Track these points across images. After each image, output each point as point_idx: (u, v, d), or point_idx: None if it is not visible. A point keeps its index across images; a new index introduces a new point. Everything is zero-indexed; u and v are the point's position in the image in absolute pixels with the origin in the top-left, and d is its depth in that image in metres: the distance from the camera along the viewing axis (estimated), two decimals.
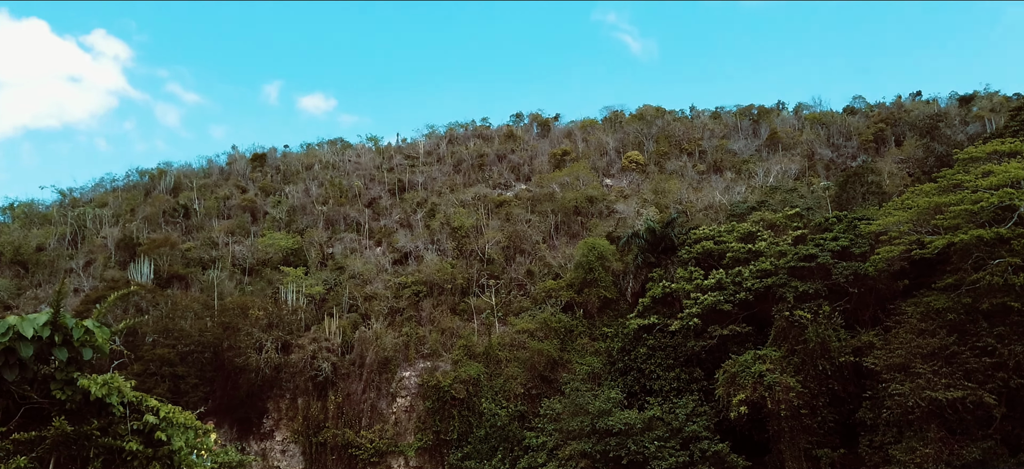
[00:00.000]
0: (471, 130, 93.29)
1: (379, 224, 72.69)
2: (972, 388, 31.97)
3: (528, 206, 67.89)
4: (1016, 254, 34.01)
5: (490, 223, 65.51)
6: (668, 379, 44.15)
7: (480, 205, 69.01)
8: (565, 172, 72.32)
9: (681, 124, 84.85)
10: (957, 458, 31.40)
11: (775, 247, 45.58)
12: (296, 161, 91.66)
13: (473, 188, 74.71)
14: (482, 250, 61.41)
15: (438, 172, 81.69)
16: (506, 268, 60.57)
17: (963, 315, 34.74)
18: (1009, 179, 37.06)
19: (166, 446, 10.64)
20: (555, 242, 63.76)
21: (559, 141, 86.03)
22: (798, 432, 37.59)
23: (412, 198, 75.13)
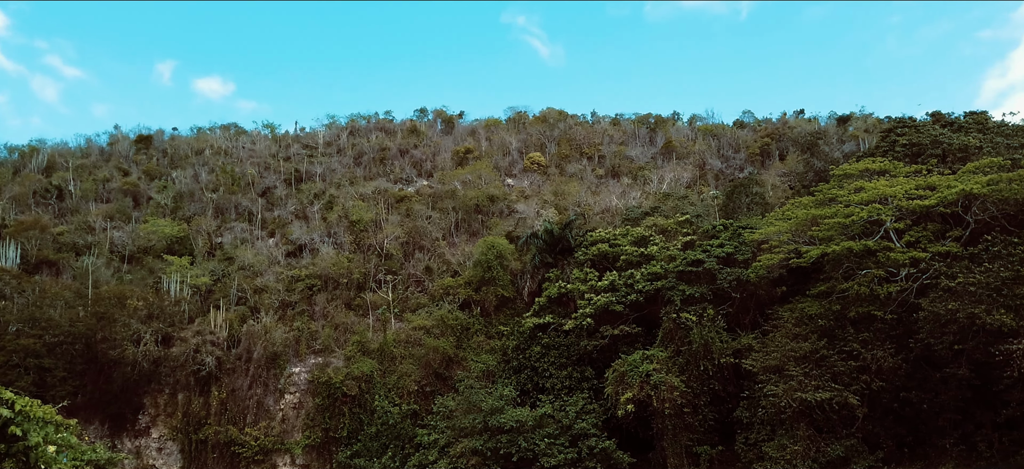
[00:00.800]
0: (374, 123, 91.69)
1: (273, 214, 70.25)
2: (838, 390, 34.21)
3: (429, 202, 67.43)
4: (881, 266, 36.65)
5: (390, 218, 64.61)
6: (560, 377, 44.94)
7: (380, 199, 67.92)
8: (467, 170, 72.29)
9: (583, 128, 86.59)
10: (822, 455, 33.54)
11: (666, 251, 47.25)
12: (185, 145, 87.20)
13: (374, 182, 73.44)
14: (381, 245, 60.49)
15: (338, 164, 79.81)
16: (404, 264, 59.92)
17: (833, 321, 37.12)
18: (878, 195, 39.94)
19: (21, 442, 9.85)
20: (455, 239, 63.62)
21: (463, 139, 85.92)
22: (680, 430, 39.12)
23: (309, 189, 73.03)
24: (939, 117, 56.45)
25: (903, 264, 36.26)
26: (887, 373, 34.30)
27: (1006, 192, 36.81)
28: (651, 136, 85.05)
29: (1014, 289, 31.10)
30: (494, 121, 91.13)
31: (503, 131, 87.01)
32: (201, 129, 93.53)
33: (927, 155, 47.63)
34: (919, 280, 35.62)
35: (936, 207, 38.27)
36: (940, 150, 47.82)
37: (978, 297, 31.62)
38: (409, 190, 71.97)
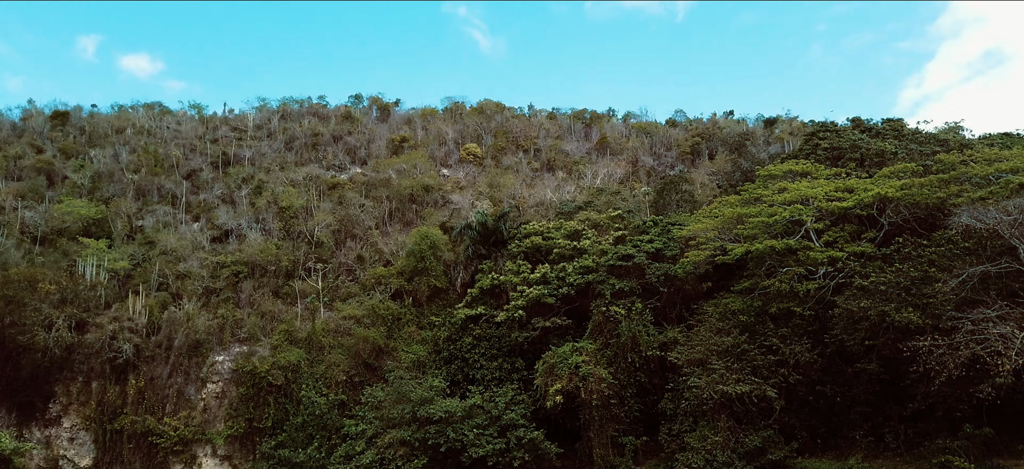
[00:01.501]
0: (306, 107, 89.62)
1: (198, 198, 67.92)
2: (758, 383, 35.42)
3: (363, 190, 66.44)
4: (801, 264, 38.08)
5: (321, 205, 63.37)
6: (491, 369, 45.06)
7: (312, 186, 66.52)
8: (403, 159, 71.56)
9: (519, 121, 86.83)
10: (741, 445, 34.69)
11: (598, 246, 47.90)
12: (105, 123, 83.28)
13: (305, 167, 71.88)
14: (311, 232, 59.29)
15: (268, 148, 77.71)
16: (335, 252, 58.90)
17: (754, 317, 38.39)
18: (800, 196, 41.49)
19: None
20: (388, 229, 62.91)
21: (399, 127, 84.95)
22: (607, 421, 39.80)
23: (237, 173, 70.87)
24: (859, 123, 58.96)
25: (821, 263, 37.77)
26: (804, 367, 35.70)
27: (917, 196, 38.79)
28: (586, 131, 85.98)
29: (922, 289, 32.78)
30: (431, 111, 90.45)
31: (440, 121, 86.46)
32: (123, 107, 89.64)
33: (847, 159, 49.71)
34: (836, 278, 37.18)
35: (853, 209, 40.02)
36: (859, 154, 49.98)
37: (889, 296, 33.21)
38: (342, 177, 70.76)
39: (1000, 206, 32.32)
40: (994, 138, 54.29)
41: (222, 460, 46.09)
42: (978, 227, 32.79)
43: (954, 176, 39.57)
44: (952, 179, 39.39)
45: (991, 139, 53.88)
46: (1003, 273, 31.68)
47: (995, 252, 32.25)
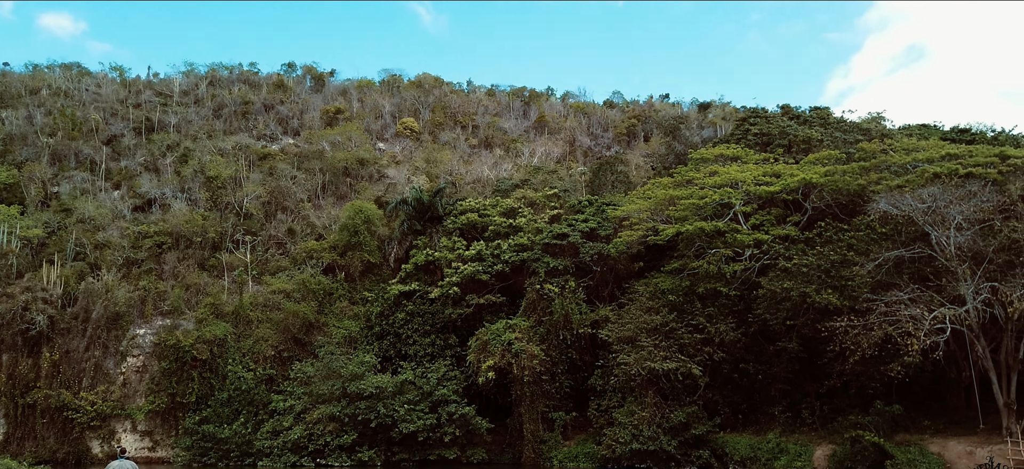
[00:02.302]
0: (236, 74, 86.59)
1: (120, 165, 65.00)
2: (684, 360, 36.33)
3: (294, 162, 64.81)
4: (729, 246, 39.08)
5: (251, 176, 61.55)
6: (424, 345, 44.86)
7: (241, 155, 64.49)
8: (337, 131, 70.06)
9: (458, 97, 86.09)
10: (666, 420, 35.58)
11: (533, 224, 48.06)
12: (18, 83, 78.60)
13: (234, 137, 69.57)
14: (240, 204, 57.58)
15: (195, 115, 74.83)
16: (265, 225, 57.41)
17: (683, 297, 39.26)
18: (730, 180, 42.47)
19: None
20: (321, 202, 61.64)
21: (333, 98, 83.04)
22: (538, 397, 40.21)
23: (162, 140, 68.06)
24: (788, 110, 60.67)
25: (748, 245, 38.85)
26: (728, 345, 36.78)
27: (840, 183, 40.25)
28: (525, 110, 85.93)
29: (841, 271, 34.10)
30: (367, 82, 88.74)
31: (376, 94, 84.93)
32: (37, 66, 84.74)
33: (775, 145, 51.14)
34: (761, 260, 38.32)
35: (780, 193, 41.25)
36: (787, 141, 51.47)
37: (810, 278, 34.43)
38: (273, 148, 68.84)
39: (916, 194, 33.78)
40: (913, 129, 56.70)
41: (143, 435, 44.68)
42: (895, 214, 34.21)
43: (875, 164, 41.18)
44: (872, 167, 40.98)
45: (910, 130, 56.25)
46: (916, 258, 33.22)
47: (909, 238, 33.76)
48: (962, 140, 48.69)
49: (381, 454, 40.51)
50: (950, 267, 31.49)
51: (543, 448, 39.78)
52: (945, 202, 32.33)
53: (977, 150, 40.41)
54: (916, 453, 30.45)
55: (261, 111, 76.86)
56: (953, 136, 51.03)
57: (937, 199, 32.57)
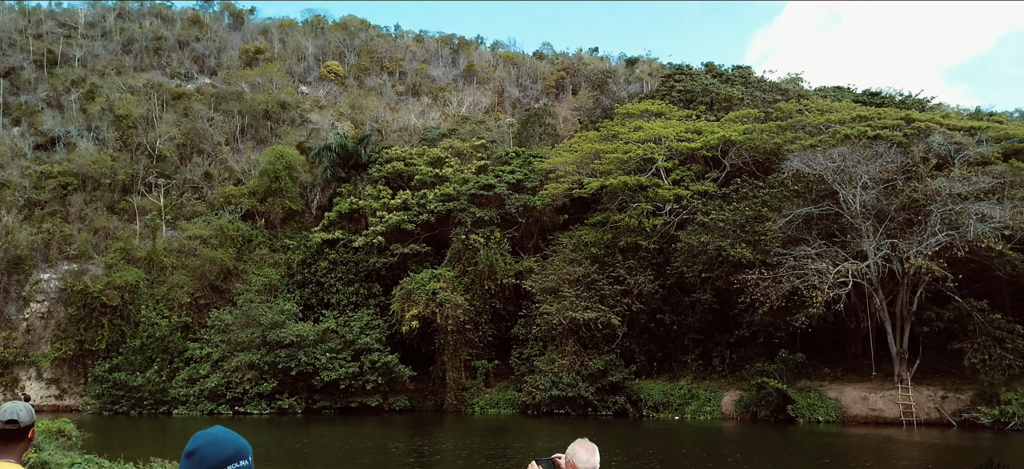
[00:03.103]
0: (148, 7, 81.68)
1: (19, 100, 60.82)
2: (604, 311, 37.27)
3: (211, 103, 62.10)
4: (651, 201, 39.99)
5: (164, 116, 58.72)
6: (347, 293, 44.42)
7: (153, 94, 61.28)
8: (257, 72, 67.43)
9: (385, 41, 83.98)
10: (585, 368, 36.60)
11: (460, 174, 47.84)
12: None
13: (146, 74, 65.96)
14: (152, 145, 54.99)
15: (103, 49, 70.40)
16: (180, 168, 55.11)
17: (604, 249, 40.08)
18: (653, 135, 43.21)
19: None
20: (240, 146, 59.50)
21: (253, 37, 79.58)
22: (461, 345, 40.60)
23: (66, 75, 63.89)
24: (711, 68, 61.95)
25: (669, 200, 39.86)
26: (646, 297, 37.90)
27: (757, 141, 41.57)
28: (454, 58, 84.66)
29: (755, 227, 35.46)
30: (289, 22, 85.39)
31: (299, 34, 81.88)
32: None
33: (698, 102, 52.24)
34: (680, 215, 39.42)
35: (701, 150, 42.31)
36: (709, 98, 52.65)
37: (726, 232, 35.68)
38: (188, 87, 65.71)
39: (827, 154, 35.23)
40: (828, 91, 58.87)
41: (49, 383, 42.91)
42: (807, 172, 35.64)
43: (790, 124, 42.64)
44: (788, 127, 42.44)
45: (825, 92, 58.38)
46: (825, 215, 34.82)
47: (819, 195, 35.29)
48: (872, 103, 50.95)
49: (302, 402, 40.22)
50: (855, 224, 33.17)
51: (465, 395, 40.34)
52: (853, 162, 33.86)
53: (885, 113, 42.40)
54: (815, 398, 32.41)
55: (175, 48, 72.98)
56: (864, 99, 53.32)
57: (846, 159, 34.07)
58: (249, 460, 2.73)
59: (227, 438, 2.67)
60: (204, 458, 2.58)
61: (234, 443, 2.68)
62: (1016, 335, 30.33)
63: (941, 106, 53.19)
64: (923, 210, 32.40)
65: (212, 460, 2.58)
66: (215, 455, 2.58)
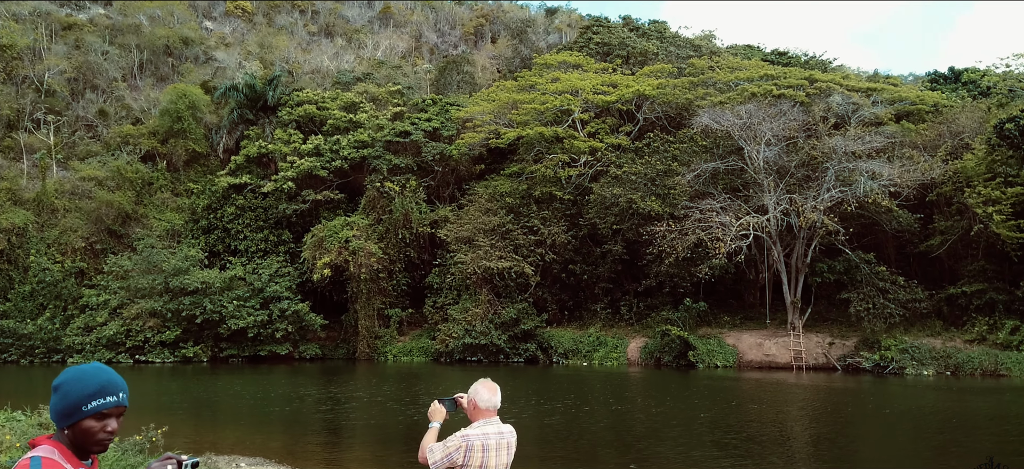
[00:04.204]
0: None
1: None
2: (518, 260, 37.69)
3: (107, 35, 58.14)
4: (566, 152, 40.39)
5: (53, 47, 54.66)
6: (255, 240, 43.17)
7: (41, 23, 56.81)
8: (157, 4, 63.38)
9: None
10: (498, 316, 37.08)
11: (375, 120, 46.82)
12: None
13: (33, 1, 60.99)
14: (40, 78, 51.20)
15: None
16: (72, 104, 51.62)
17: (520, 199, 40.36)
18: (570, 87, 43.46)
19: None
20: (138, 82, 56.19)
21: None
22: (375, 294, 40.31)
23: None
24: (629, 22, 62.41)
25: (584, 152, 40.37)
26: (559, 247, 38.54)
27: (670, 96, 42.47)
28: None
29: (665, 180, 36.45)
30: None
31: None
32: None
33: (615, 55, 52.71)
34: (594, 167, 40.04)
35: (616, 103, 42.90)
36: (626, 52, 53.18)
37: (637, 185, 36.54)
38: (80, 17, 61.23)
39: (734, 111, 36.41)
40: (738, 49, 60.51)
41: None
42: (715, 128, 36.75)
43: (702, 80, 43.75)
44: (700, 83, 43.54)
45: (736, 49, 59.99)
46: (730, 170, 36.13)
47: (726, 151, 36.53)
48: (780, 62, 52.78)
49: (208, 350, 39.15)
50: (758, 179, 34.60)
51: (378, 343, 40.23)
52: (759, 120, 35.14)
53: (790, 72, 44.06)
54: (715, 344, 34.04)
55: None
56: (772, 58, 55.14)
57: (752, 116, 35.32)
58: (120, 397, 2.75)
59: (95, 373, 2.71)
60: (68, 392, 2.63)
61: (99, 378, 2.73)
62: (898, 286, 32.62)
63: (842, 67, 55.60)
64: (820, 167, 34.10)
65: (75, 394, 2.63)
66: (78, 390, 2.63)
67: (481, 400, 4.61)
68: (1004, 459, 14.63)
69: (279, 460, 13.43)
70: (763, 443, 16.15)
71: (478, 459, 4.41)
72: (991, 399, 23.20)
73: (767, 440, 16.62)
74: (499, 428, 4.56)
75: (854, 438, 17.56)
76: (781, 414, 20.98)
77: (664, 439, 16.74)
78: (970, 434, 17.56)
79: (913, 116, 41.18)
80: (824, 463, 14.54)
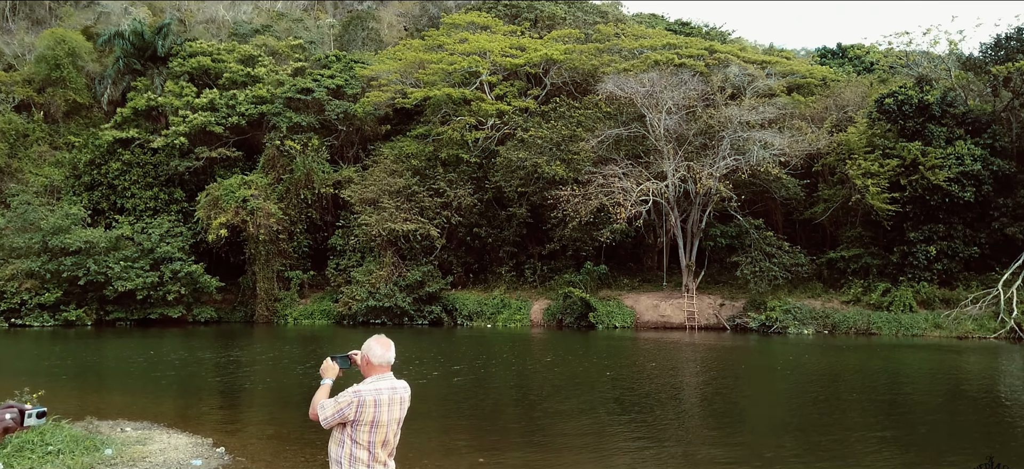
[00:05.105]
0: None
1: None
2: (424, 223, 37.48)
3: None
4: (474, 115, 40.21)
5: None
6: (144, 198, 40.95)
7: None
8: None
9: None
10: (403, 279, 36.85)
11: (275, 75, 44.99)
12: None
13: None
14: None
15: None
16: None
17: (426, 161, 39.98)
18: (478, 49, 43.09)
19: None
20: (11, 26, 51.70)
21: None
22: (274, 255, 39.18)
23: None
24: None
25: (491, 115, 40.33)
26: (465, 210, 38.54)
27: (577, 62, 42.88)
28: None
29: (569, 145, 36.94)
30: None
31: None
32: None
33: (523, 18, 52.58)
34: (501, 130, 40.09)
35: (523, 66, 42.94)
36: (534, 15, 53.15)
37: (543, 149, 36.88)
38: None
39: (638, 78, 37.22)
40: (644, 17, 61.63)
41: None
42: (619, 95, 37.48)
43: (607, 47, 44.37)
44: (606, 49, 44.15)
45: (641, 18, 61.09)
46: (633, 137, 37.04)
47: (629, 118, 37.38)
48: (682, 32, 54.21)
49: (92, 313, 37.04)
50: (658, 147, 35.63)
51: (277, 306, 39.22)
52: (661, 88, 36.08)
53: (692, 43, 45.34)
54: (614, 306, 35.15)
55: None
56: (675, 28, 56.55)
57: (655, 85, 36.22)
58: None
59: None
60: None
61: None
62: (783, 251, 34.60)
63: (740, 39, 57.69)
64: (717, 136, 35.45)
65: None
66: None
67: (374, 356, 4.58)
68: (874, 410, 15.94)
69: (168, 424, 12.96)
70: (660, 400, 16.88)
71: (370, 414, 4.39)
72: (861, 356, 25.10)
73: (664, 397, 17.38)
74: (392, 383, 4.56)
75: (742, 393, 18.63)
76: (676, 372, 21.96)
77: (567, 397, 17.20)
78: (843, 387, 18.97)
79: (803, 89, 43.35)
80: (716, 416, 15.36)
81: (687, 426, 14.16)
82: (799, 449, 12.16)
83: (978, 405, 16.23)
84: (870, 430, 13.64)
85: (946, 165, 32.10)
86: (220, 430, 12.86)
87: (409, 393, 4.69)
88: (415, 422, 13.39)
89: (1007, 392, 18.39)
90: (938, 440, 12.96)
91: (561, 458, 11.50)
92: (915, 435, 13.42)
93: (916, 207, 32.82)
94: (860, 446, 12.14)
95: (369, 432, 4.41)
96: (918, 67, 40.28)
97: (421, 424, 13.53)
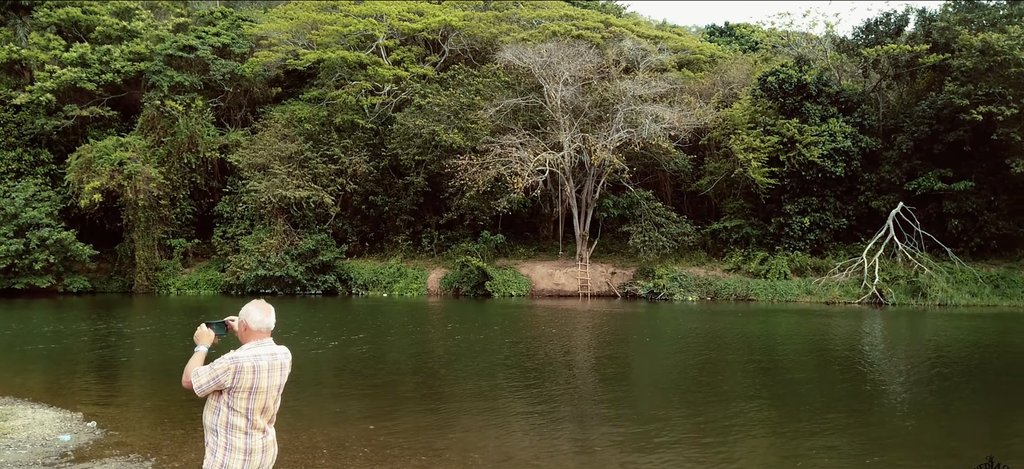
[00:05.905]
0: None
1: None
2: (317, 190, 36.46)
3: None
4: (370, 79, 39.28)
5: None
6: (6, 159, 37.65)
7: None
8: None
9: None
10: (295, 247, 35.79)
11: (154, 31, 42.17)
12: None
13: None
14: None
15: None
16: None
17: (320, 126, 38.81)
18: (375, 12, 42.00)
19: None
20: None
21: None
22: (154, 222, 37.09)
23: None
24: None
25: (388, 80, 39.51)
26: (360, 177, 37.78)
27: (476, 29, 42.56)
28: None
29: (468, 114, 36.79)
30: None
31: None
32: None
33: None
34: (399, 96, 39.39)
35: (422, 32, 42.22)
36: None
37: (441, 117, 36.56)
38: None
39: (536, 49, 37.40)
40: None
41: None
42: (517, 65, 37.57)
43: (506, 16, 44.27)
44: (505, 18, 44.03)
45: None
46: (530, 107, 37.30)
47: (527, 88, 37.58)
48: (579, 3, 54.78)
49: None
50: (555, 117, 36.06)
51: (159, 276, 37.22)
52: (558, 59, 36.42)
53: (588, 15, 45.95)
54: (510, 275, 35.56)
55: None
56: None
57: (552, 55, 36.52)
58: None
59: None
60: None
61: None
62: (671, 221, 36.00)
63: (635, 14, 58.97)
64: (611, 108, 36.25)
65: None
66: None
67: (253, 321, 4.43)
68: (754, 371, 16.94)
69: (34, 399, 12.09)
70: (555, 364, 17.26)
71: (248, 380, 4.25)
72: (741, 320, 26.60)
73: (558, 362, 17.78)
74: (272, 349, 4.43)
75: (632, 357, 19.34)
76: (570, 338, 22.50)
77: (465, 365, 17.30)
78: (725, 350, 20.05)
79: (693, 65, 44.94)
80: (607, 380, 15.87)
81: (581, 391, 14.57)
82: (684, 407, 12.78)
83: (845, 364, 17.56)
84: (751, 389, 14.52)
85: (821, 142, 34.27)
86: (93, 404, 12.13)
87: (290, 359, 4.57)
88: (307, 391, 13.14)
89: (869, 352, 20.01)
90: (812, 397, 13.94)
91: (455, 421, 11.58)
92: (792, 393, 14.39)
93: (793, 181, 34.90)
94: (742, 402, 12.89)
95: (248, 399, 4.27)
96: (798, 47, 42.61)
97: (314, 393, 13.28)
